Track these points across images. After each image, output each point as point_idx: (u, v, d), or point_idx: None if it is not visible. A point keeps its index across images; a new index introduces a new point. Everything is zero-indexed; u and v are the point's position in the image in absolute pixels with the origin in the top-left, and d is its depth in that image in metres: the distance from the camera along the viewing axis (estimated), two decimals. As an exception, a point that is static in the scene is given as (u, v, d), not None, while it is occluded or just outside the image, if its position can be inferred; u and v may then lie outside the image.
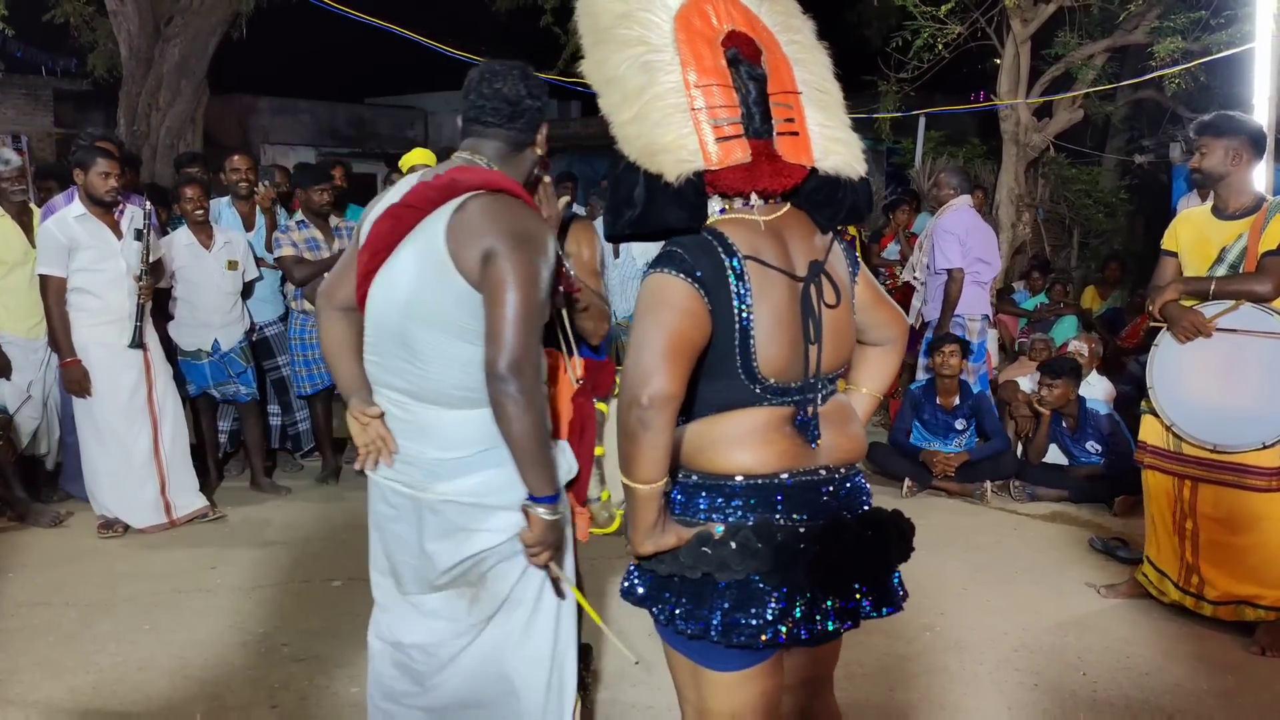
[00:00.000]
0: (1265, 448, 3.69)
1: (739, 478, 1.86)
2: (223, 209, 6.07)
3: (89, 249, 4.86)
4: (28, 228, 5.24)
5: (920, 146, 11.20)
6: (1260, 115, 4.88)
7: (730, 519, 1.85)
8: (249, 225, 6.05)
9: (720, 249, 1.82)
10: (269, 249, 5.91)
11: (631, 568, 1.96)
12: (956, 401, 6.01)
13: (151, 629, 3.87)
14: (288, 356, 5.97)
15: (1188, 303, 3.83)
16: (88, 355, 4.89)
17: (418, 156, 6.50)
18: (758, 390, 1.85)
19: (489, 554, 2.30)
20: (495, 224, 2.16)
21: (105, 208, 4.90)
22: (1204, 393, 3.81)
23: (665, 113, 1.77)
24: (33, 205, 5.48)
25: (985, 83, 10.24)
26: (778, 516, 1.85)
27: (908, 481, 5.91)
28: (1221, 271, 3.77)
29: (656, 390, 1.74)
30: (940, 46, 9.34)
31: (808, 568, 1.81)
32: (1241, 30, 7.29)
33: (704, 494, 1.88)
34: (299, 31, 14.41)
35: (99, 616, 4.00)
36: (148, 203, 5.16)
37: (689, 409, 1.87)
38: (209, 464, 5.77)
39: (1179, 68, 8.50)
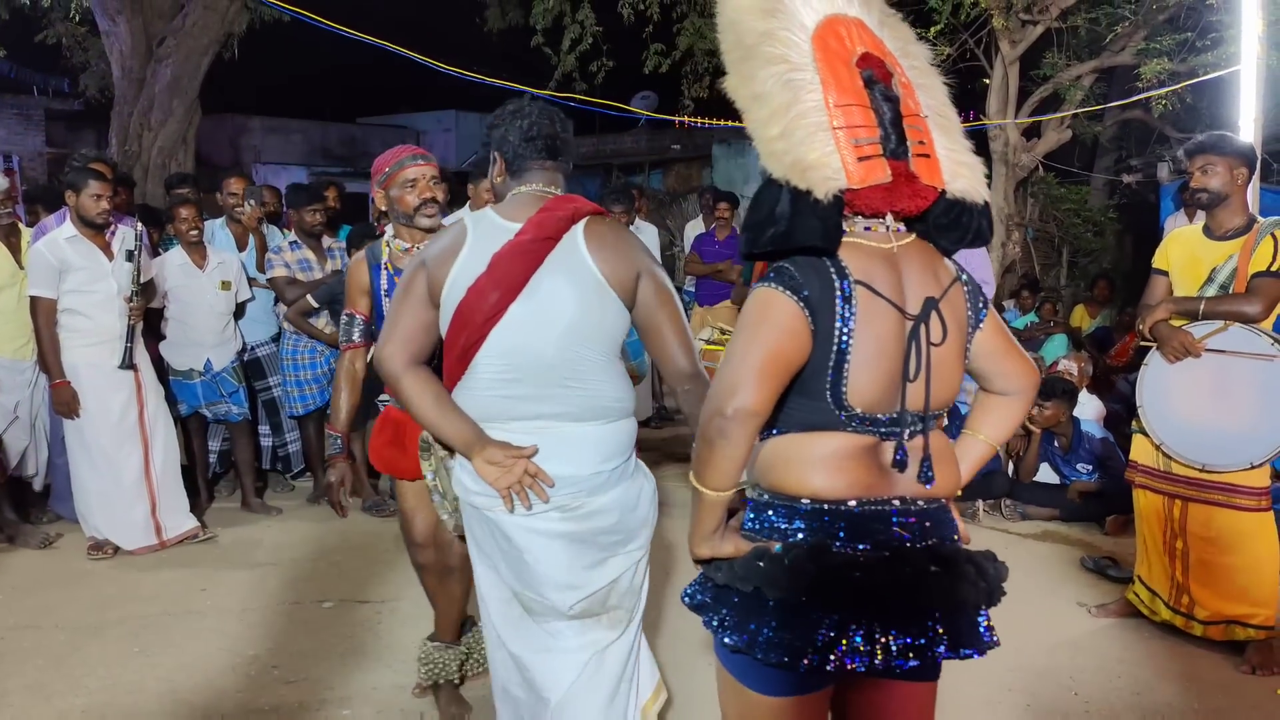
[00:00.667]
0: (1254, 468, 3.70)
1: (806, 500, 1.86)
2: (216, 230, 6.08)
3: (80, 270, 4.85)
4: (16, 249, 5.24)
5: (910, 165, 11.25)
6: (1246, 136, 4.93)
7: (791, 539, 1.85)
8: (241, 246, 6.05)
9: (832, 270, 1.81)
10: (260, 269, 5.91)
11: (700, 576, 1.99)
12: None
13: (141, 651, 3.85)
14: (279, 377, 5.97)
15: (1177, 322, 3.85)
16: (78, 376, 4.88)
17: (410, 177, 6.52)
18: (842, 416, 1.85)
19: (625, 573, 2.48)
20: (631, 244, 2.47)
21: (97, 229, 4.90)
22: (1193, 412, 3.82)
23: (809, 130, 1.77)
24: (22, 226, 5.48)
25: (974, 103, 10.32)
26: (837, 543, 1.83)
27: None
28: (1212, 292, 3.80)
29: (742, 405, 1.75)
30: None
31: (859, 596, 1.78)
32: (1227, 52, 7.37)
33: (772, 512, 1.89)
34: (291, 52, 14.46)
35: (88, 639, 3.97)
36: (139, 224, 5.16)
37: (773, 420, 1.88)
38: (200, 484, 5.75)
39: (1166, 89, 8.57)
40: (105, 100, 10.91)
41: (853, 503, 1.85)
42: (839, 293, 1.81)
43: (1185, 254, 3.93)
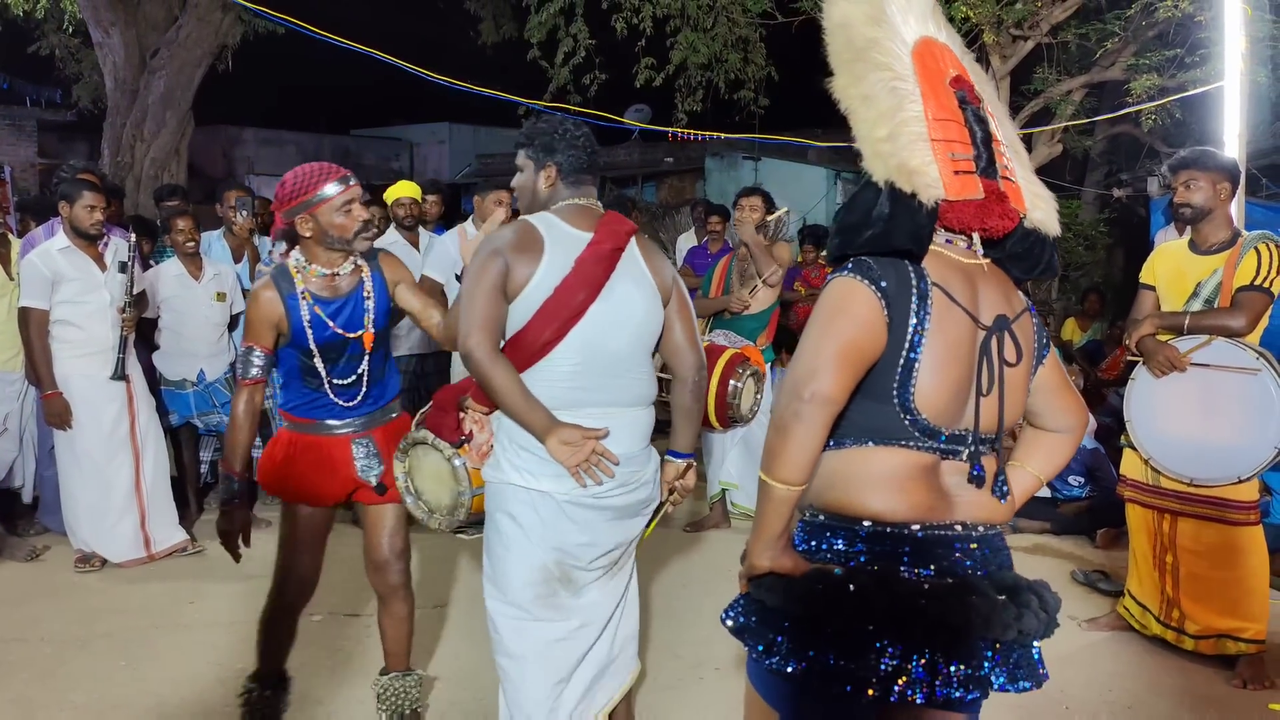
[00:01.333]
0: (1241, 482, 3.71)
1: (867, 523, 1.80)
2: (213, 241, 6.08)
3: (73, 281, 4.85)
4: (6, 260, 5.23)
5: (902, 180, 11.30)
6: (1231, 151, 4.96)
7: (852, 564, 1.79)
8: (238, 258, 6.06)
9: (911, 269, 1.81)
10: (252, 280, 5.91)
11: (739, 598, 1.91)
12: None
13: (128, 665, 3.82)
14: (271, 389, 5.95)
15: (1163, 337, 3.87)
16: (70, 387, 4.86)
17: (403, 189, 6.52)
18: (907, 422, 1.80)
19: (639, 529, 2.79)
20: (664, 256, 2.81)
21: (89, 240, 4.90)
22: (1180, 426, 3.83)
23: (911, 138, 1.78)
24: (12, 237, 5.47)
25: (965, 118, 10.36)
26: (902, 569, 1.78)
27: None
28: (1197, 306, 3.81)
29: (820, 388, 1.72)
30: (921, 82, 9.46)
31: (928, 626, 1.73)
32: (1215, 68, 7.41)
33: (829, 535, 1.83)
34: (285, 64, 14.48)
35: (74, 653, 3.95)
36: (132, 234, 5.15)
37: (833, 431, 1.83)
38: (189, 496, 5.73)
39: (1155, 103, 8.63)
40: (98, 111, 10.93)
41: (916, 526, 1.80)
42: (915, 290, 1.79)
43: (1171, 268, 3.96)
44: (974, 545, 1.84)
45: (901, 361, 1.78)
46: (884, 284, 1.78)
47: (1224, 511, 3.76)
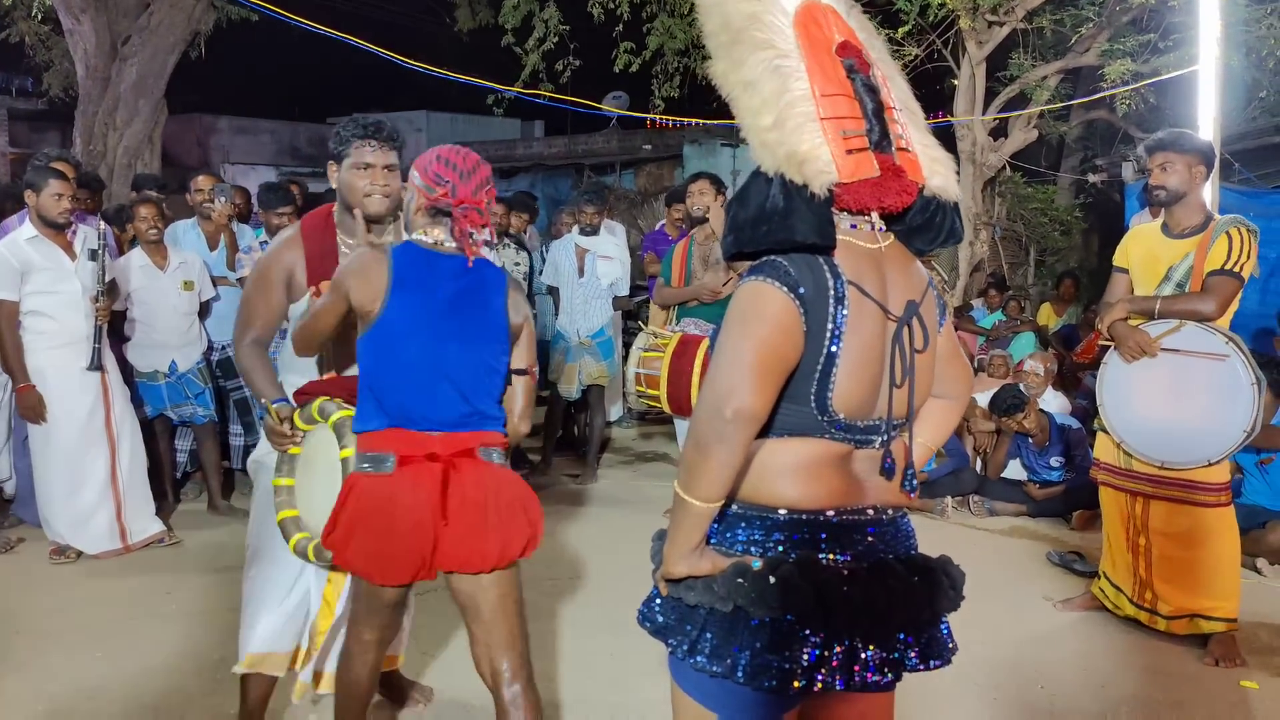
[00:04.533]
0: (1211, 465, 3.75)
1: (783, 511, 1.75)
2: (187, 230, 6.03)
3: (43, 271, 4.79)
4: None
5: (880, 166, 11.34)
6: (1205, 135, 5.00)
7: (770, 553, 1.74)
8: (213, 245, 6.01)
9: (827, 270, 1.72)
10: (231, 267, 5.86)
11: (654, 594, 1.86)
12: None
13: (105, 656, 3.80)
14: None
15: (1135, 321, 3.89)
16: (44, 379, 4.81)
17: (379, 176, 6.49)
18: (824, 422, 1.75)
19: None
20: None
21: (58, 229, 4.84)
22: (1151, 411, 3.86)
23: (799, 121, 1.68)
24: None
25: (942, 104, 10.40)
26: (821, 554, 1.74)
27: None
28: (1168, 290, 3.83)
29: (742, 405, 1.64)
30: (900, 67, 9.49)
31: (850, 612, 1.70)
32: (1189, 53, 7.46)
33: (743, 525, 1.78)
34: (260, 51, 14.35)
35: (50, 645, 3.92)
36: (102, 223, 5.10)
37: None
38: (165, 488, 5.69)
39: (1129, 87, 8.69)
40: (69, 100, 10.79)
41: (830, 513, 1.77)
42: (832, 293, 1.71)
43: (1144, 251, 3.98)
44: (885, 529, 1.83)
45: (820, 366, 1.72)
46: (801, 290, 1.69)
47: (1194, 494, 3.80)
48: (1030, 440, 5.88)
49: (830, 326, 1.71)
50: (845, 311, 1.72)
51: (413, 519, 2.42)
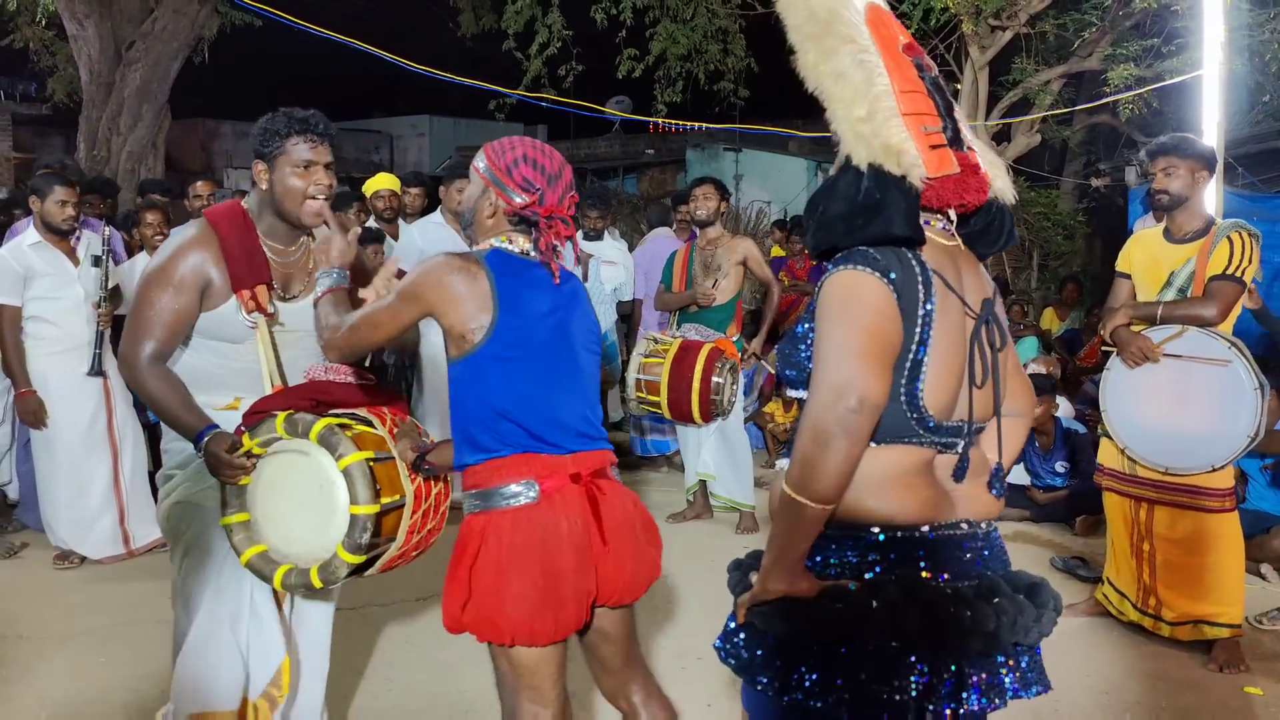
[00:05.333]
0: (1215, 470, 3.74)
1: (877, 529, 1.66)
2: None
3: (45, 277, 4.80)
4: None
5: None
6: (1209, 140, 4.99)
7: (869, 576, 1.63)
8: None
9: (911, 256, 1.67)
10: None
11: (733, 626, 1.73)
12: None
13: (108, 662, 3.80)
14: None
15: (1137, 327, 3.88)
16: (46, 384, 4.81)
17: (382, 181, 6.51)
18: (914, 420, 1.67)
19: None
20: None
21: (61, 235, 4.85)
22: (1154, 416, 3.85)
23: (887, 114, 1.65)
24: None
25: (945, 108, 10.40)
26: (923, 574, 1.64)
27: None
28: (1170, 295, 3.83)
29: (866, 393, 1.56)
30: (901, 72, 9.50)
31: (961, 635, 1.59)
32: (1192, 57, 7.47)
33: (833, 547, 1.67)
34: (263, 56, 14.38)
35: (54, 650, 3.92)
36: (107, 228, 5.11)
37: None
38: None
39: (1132, 93, 8.68)
40: (73, 105, 10.81)
41: (926, 528, 1.67)
42: (920, 279, 1.66)
43: (1146, 257, 3.97)
44: (980, 544, 1.73)
45: (911, 357, 1.65)
46: (892, 274, 1.64)
47: (1199, 499, 3.79)
48: (1036, 444, 5.87)
49: (921, 314, 1.65)
50: (934, 301, 1.67)
51: (576, 550, 2.14)
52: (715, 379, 4.90)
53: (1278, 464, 5.03)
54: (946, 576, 1.66)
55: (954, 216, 1.77)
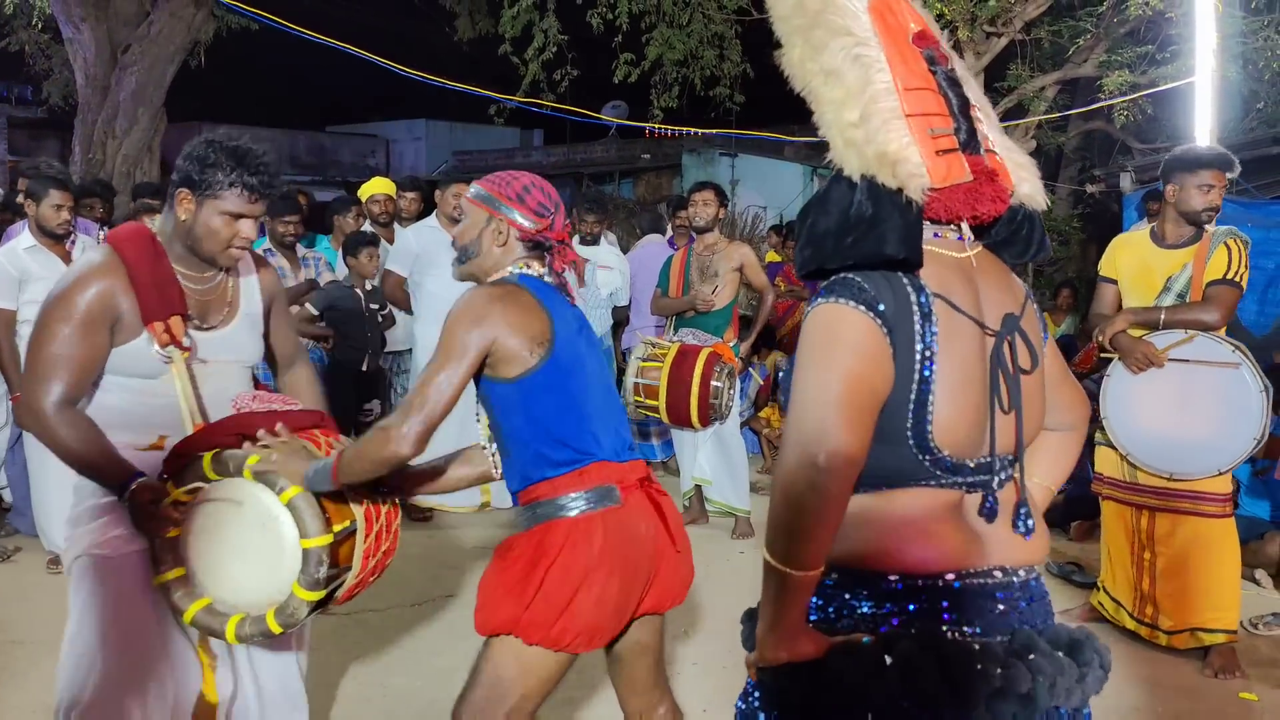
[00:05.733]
0: (1220, 474, 3.75)
1: (894, 577, 1.50)
2: None
3: (41, 280, 4.77)
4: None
5: (878, 176, 11.37)
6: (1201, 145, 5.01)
7: (883, 628, 1.49)
8: None
9: (906, 281, 1.50)
10: None
11: (751, 688, 1.61)
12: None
13: (102, 667, 3.79)
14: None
15: (1136, 332, 3.88)
16: (39, 387, 4.79)
17: (378, 186, 6.51)
18: (926, 463, 1.51)
19: None
20: None
21: (57, 239, 4.84)
22: (1158, 422, 3.84)
23: (885, 117, 1.48)
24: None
25: (941, 114, 10.44)
26: (945, 629, 1.49)
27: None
28: (1169, 301, 3.83)
29: (836, 448, 1.41)
30: (896, 78, 9.53)
31: (991, 697, 1.44)
32: (1187, 64, 7.50)
33: (848, 597, 1.53)
34: (259, 60, 14.38)
35: (47, 655, 3.88)
36: (100, 231, 5.10)
37: None
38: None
39: (1127, 98, 8.72)
40: (69, 108, 10.80)
41: (951, 576, 1.51)
42: (917, 308, 1.49)
43: (1135, 261, 3.96)
44: (1016, 594, 1.56)
45: (913, 396, 1.49)
46: (881, 307, 1.48)
47: (1200, 505, 3.80)
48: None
49: (919, 347, 1.49)
50: (935, 329, 1.50)
51: (649, 554, 2.20)
52: (714, 383, 4.91)
53: (1266, 468, 5.04)
54: (974, 631, 1.50)
55: (965, 227, 1.61)
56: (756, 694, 1.61)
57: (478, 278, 2.32)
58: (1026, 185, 1.61)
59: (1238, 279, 3.73)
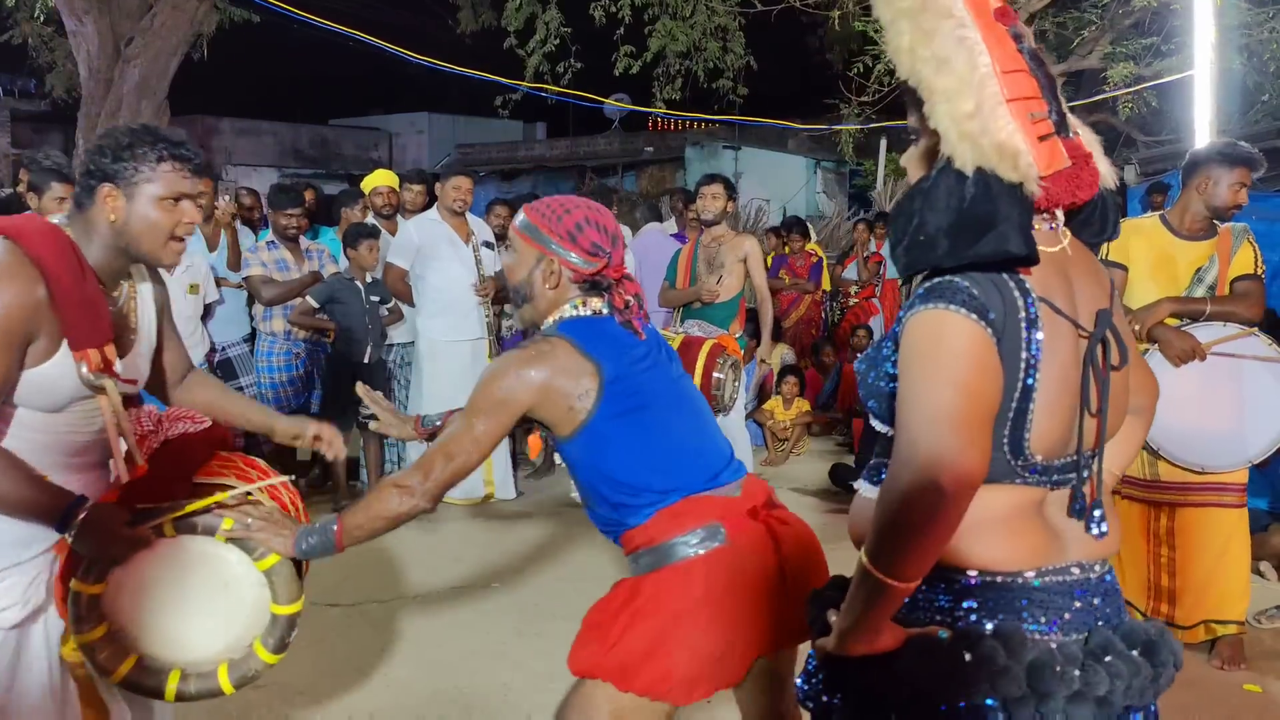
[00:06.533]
0: (1250, 465, 3.75)
1: (973, 573, 1.47)
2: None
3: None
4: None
5: (882, 169, 11.35)
6: (1201, 138, 5.00)
7: (961, 624, 1.47)
8: (212, 247, 6.02)
9: (1013, 285, 1.43)
10: (231, 268, 5.87)
11: (813, 668, 1.60)
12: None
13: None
14: (253, 377, 5.92)
15: (1172, 322, 3.80)
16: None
17: (380, 178, 6.51)
18: (1017, 466, 1.48)
19: None
20: None
21: (60, 231, 4.82)
22: (1186, 414, 3.77)
23: (993, 105, 1.41)
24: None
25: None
26: (1025, 625, 1.46)
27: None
28: (1200, 292, 3.78)
29: (960, 470, 1.34)
30: (900, 70, 9.52)
31: (1068, 700, 1.42)
32: (1190, 56, 7.48)
33: (926, 590, 1.50)
34: (262, 53, 14.38)
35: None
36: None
37: None
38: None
39: (1131, 89, 8.70)
40: (72, 101, 10.81)
41: (1030, 573, 1.48)
42: (1024, 317, 1.43)
43: (1153, 249, 3.88)
44: (1093, 590, 1.54)
45: (1014, 406, 1.45)
46: (991, 316, 1.41)
47: (1222, 495, 3.79)
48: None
49: (1025, 356, 1.43)
50: (1040, 336, 1.44)
51: (761, 595, 2.00)
52: (716, 374, 4.92)
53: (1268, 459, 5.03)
54: (1053, 628, 1.48)
55: (1060, 215, 1.54)
56: (820, 675, 1.57)
57: (535, 322, 2.19)
58: (1102, 164, 1.56)
59: (1262, 274, 3.77)
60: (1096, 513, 1.53)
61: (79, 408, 2.00)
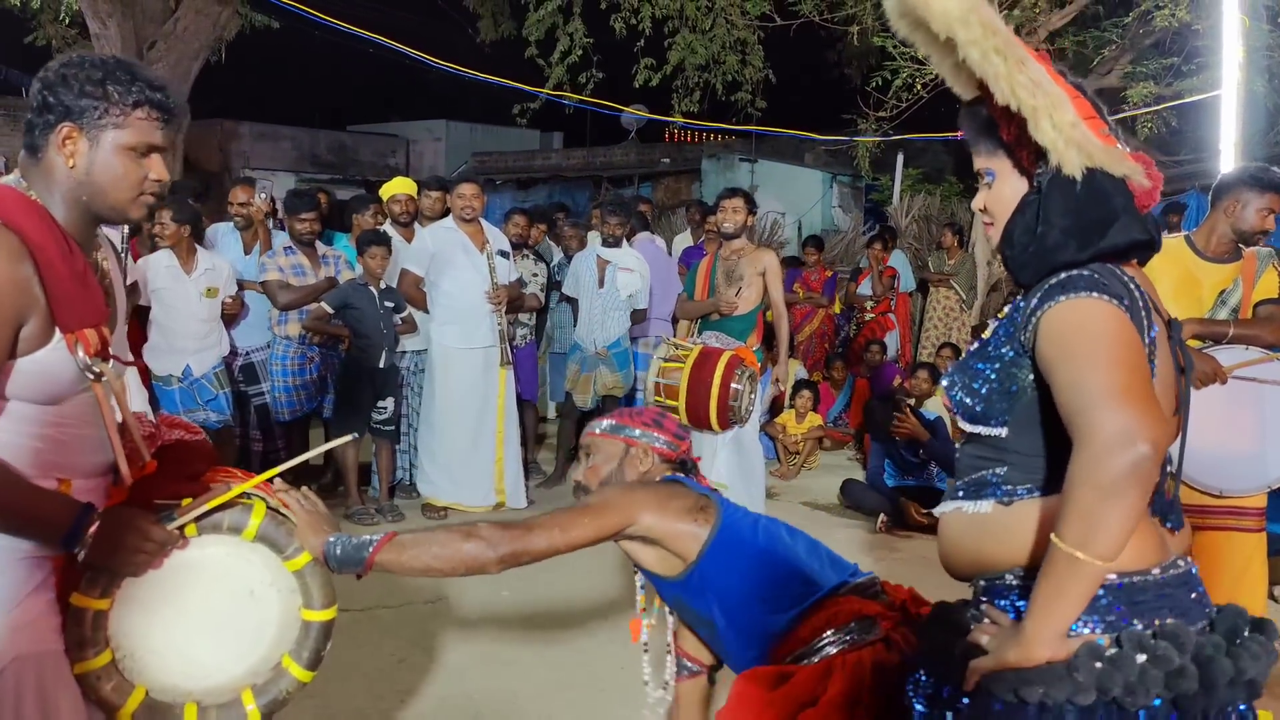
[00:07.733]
0: (1270, 490, 3.71)
1: (1112, 575, 1.48)
2: (225, 233, 6.17)
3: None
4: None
5: (898, 184, 11.34)
6: (1227, 160, 4.98)
7: (1112, 628, 1.48)
8: (249, 249, 6.11)
9: (1126, 277, 1.53)
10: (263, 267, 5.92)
11: (925, 686, 1.65)
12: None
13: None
14: (271, 383, 5.94)
15: (1194, 344, 3.75)
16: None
17: (399, 186, 6.53)
18: None
19: None
20: None
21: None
22: (1206, 437, 3.74)
23: (1081, 116, 1.53)
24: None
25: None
26: (1170, 622, 1.49)
27: (881, 517, 5.92)
28: (1224, 314, 3.75)
29: (1156, 436, 1.38)
30: (919, 86, 9.51)
31: (1227, 688, 1.47)
32: (1212, 76, 7.46)
33: None
34: (281, 58, 14.48)
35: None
36: (125, 226, 5.12)
37: (1033, 475, 1.56)
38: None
39: (1151, 109, 8.68)
40: (94, 103, 10.88)
41: (1156, 570, 1.52)
42: (1142, 304, 1.52)
43: (1177, 270, 3.86)
44: (1196, 583, 1.58)
45: None
46: (1126, 302, 1.49)
47: (1241, 519, 3.75)
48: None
49: (1147, 342, 1.51)
50: (1157, 328, 1.54)
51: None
52: (734, 385, 4.92)
53: None
54: (1190, 622, 1.52)
55: None
56: (998, 703, 1.53)
57: None
58: None
59: None
60: (1174, 505, 1.61)
61: (81, 399, 1.72)
